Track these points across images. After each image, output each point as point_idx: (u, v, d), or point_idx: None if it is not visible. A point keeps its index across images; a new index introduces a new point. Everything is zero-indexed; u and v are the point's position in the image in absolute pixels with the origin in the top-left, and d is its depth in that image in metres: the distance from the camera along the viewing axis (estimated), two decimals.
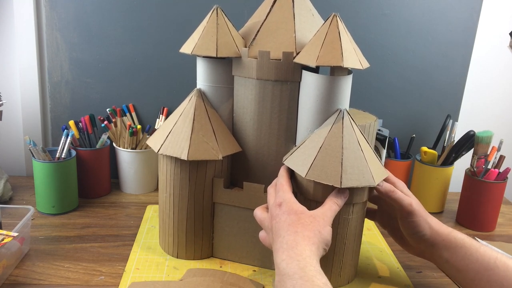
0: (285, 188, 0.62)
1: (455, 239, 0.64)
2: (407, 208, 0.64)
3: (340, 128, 0.63)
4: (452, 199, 1.04)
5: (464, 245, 0.63)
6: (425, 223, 0.65)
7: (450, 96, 1.08)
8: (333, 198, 0.61)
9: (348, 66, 0.60)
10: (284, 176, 0.64)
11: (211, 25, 0.68)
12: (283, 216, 0.58)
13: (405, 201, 0.64)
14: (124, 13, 0.97)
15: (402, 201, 0.64)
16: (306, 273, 0.50)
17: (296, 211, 0.58)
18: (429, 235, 0.65)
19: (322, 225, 0.57)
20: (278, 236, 0.56)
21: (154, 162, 1.00)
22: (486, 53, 1.06)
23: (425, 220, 0.65)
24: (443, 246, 0.65)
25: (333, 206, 0.60)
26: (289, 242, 0.54)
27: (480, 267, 0.61)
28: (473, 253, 0.62)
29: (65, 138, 0.88)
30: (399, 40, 1.03)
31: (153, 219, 0.88)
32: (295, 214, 0.58)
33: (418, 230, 0.65)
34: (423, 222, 0.65)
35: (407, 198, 0.65)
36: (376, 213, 0.74)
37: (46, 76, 1.01)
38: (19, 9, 0.96)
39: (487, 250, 0.62)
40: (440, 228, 0.65)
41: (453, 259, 0.64)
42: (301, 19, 0.69)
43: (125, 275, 0.69)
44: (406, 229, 0.66)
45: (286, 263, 0.52)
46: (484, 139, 0.91)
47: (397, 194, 0.65)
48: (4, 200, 0.92)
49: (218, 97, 0.72)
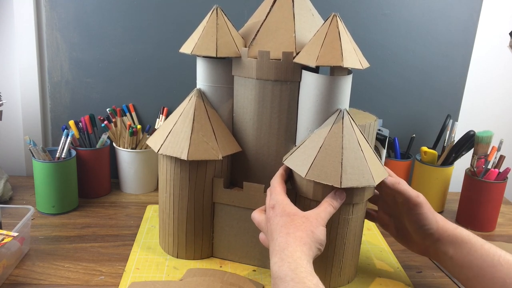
0: (277, 190, 0.62)
1: (460, 234, 0.64)
2: (415, 199, 0.64)
3: (340, 128, 0.63)
4: (452, 199, 1.04)
5: (469, 241, 0.63)
6: (432, 216, 0.65)
7: (450, 96, 1.08)
8: (329, 199, 0.61)
9: (348, 66, 0.60)
10: (277, 178, 0.64)
11: (211, 25, 0.68)
12: (276, 218, 0.58)
13: (412, 192, 0.65)
14: (124, 13, 0.97)
15: (409, 192, 0.65)
16: (297, 274, 0.50)
17: (288, 213, 0.58)
18: (435, 230, 0.65)
19: (315, 225, 0.57)
20: (272, 239, 0.57)
21: (154, 162, 1.00)
22: (486, 53, 1.06)
23: (432, 213, 0.65)
24: (448, 242, 0.64)
25: (328, 208, 0.60)
26: (281, 244, 0.54)
27: (483, 263, 0.61)
28: (478, 250, 0.62)
29: (65, 138, 0.88)
30: (399, 40, 1.03)
31: (153, 219, 0.88)
32: (287, 215, 0.58)
33: (425, 223, 0.65)
34: (430, 215, 0.65)
35: (414, 190, 0.65)
36: (376, 214, 0.74)
37: (46, 76, 1.01)
38: (19, 9, 0.96)
39: (491, 247, 0.62)
40: (446, 224, 0.65)
41: (457, 255, 0.63)
42: (301, 19, 0.69)
43: (125, 275, 0.69)
44: (413, 224, 0.66)
45: (278, 265, 0.52)
46: (484, 139, 0.91)
47: (403, 185, 0.65)
48: (4, 200, 0.92)
49: (218, 97, 0.72)
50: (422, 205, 0.64)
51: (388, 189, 0.66)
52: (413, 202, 0.64)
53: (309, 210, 0.60)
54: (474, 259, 0.62)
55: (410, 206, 0.65)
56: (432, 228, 0.65)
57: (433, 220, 0.65)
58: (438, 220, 0.65)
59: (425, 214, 0.65)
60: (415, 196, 0.64)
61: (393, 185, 0.65)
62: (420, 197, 0.65)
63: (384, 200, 0.72)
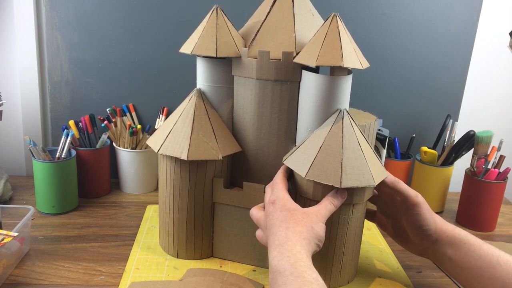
0: (279, 187, 0.62)
1: (459, 235, 0.64)
2: (413, 199, 0.64)
3: (340, 128, 0.63)
4: (452, 199, 1.04)
5: (468, 242, 0.63)
6: (430, 217, 0.65)
7: (450, 96, 1.08)
8: (330, 197, 0.61)
9: (348, 66, 0.60)
10: (279, 176, 0.64)
11: (211, 25, 0.68)
12: (276, 213, 0.58)
13: (411, 191, 0.65)
14: (124, 13, 0.97)
15: (408, 191, 0.65)
16: (296, 269, 0.50)
17: (289, 208, 0.58)
18: (433, 230, 0.65)
19: (315, 221, 0.57)
20: (271, 233, 0.56)
21: (154, 162, 1.00)
22: (486, 53, 1.06)
23: (430, 213, 0.65)
24: (447, 242, 0.64)
25: (329, 206, 0.60)
26: (281, 238, 0.54)
27: (483, 264, 0.61)
28: (476, 250, 0.62)
29: (65, 138, 0.89)
30: (399, 40, 1.03)
31: (153, 219, 0.88)
32: (287, 211, 0.58)
33: (423, 224, 0.65)
34: (428, 216, 0.65)
35: (413, 190, 0.65)
36: (375, 214, 0.74)
37: (46, 76, 1.01)
38: (19, 9, 0.96)
39: (490, 247, 0.62)
40: (444, 225, 0.65)
41: (456, 256, 0.63)
42: (301, 19, 0.69)
43: (125, 275, 0.69)
44: (411, 224, 0.66)
45: (277, 260, 0.52)
46: (484, 139, 0.91)
47: (402, 184, 0.65)
48: (4, 200, 0.92)
49: (218, 97, 0.72)
50: (421, 205, 0.64)
51: (387, 188, 0.66)
52: (411, 202, 0.64)
53: (310, 207, 0.60)
54: (473, 259, 0.62)
55: (409, 205, 0.65)
56: (430, 228, 0.65)
57: (431, 221, 0.65)
58: (436, 221, 0.65)
59: (424, 215, 0.65)
60: (414, 196, 0.64)
61: (393, 184, 0.65)
62: (419, 196, 0.65)
63: (383, 200, 0.72)
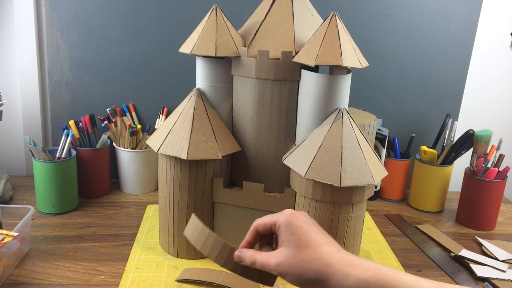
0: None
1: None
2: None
3: (339, 127, 0.63)
4: (452, 198, 1.04)
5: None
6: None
7: (450, 95, 1.08)
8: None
9: (347, 65, 0.60)
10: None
11: (210, 24, 0.68)
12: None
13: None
14: (124, 13, 0.97)
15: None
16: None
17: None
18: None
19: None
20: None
21: (154, 162, 1.00)
22: (486, 53, 1.06)
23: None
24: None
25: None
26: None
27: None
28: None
29: (65, 138, 0.89)
30: (399, 40, 1.03)
31: (153, 218, 0.88)
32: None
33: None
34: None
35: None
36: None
37: (46, 76, 1.01)
38: (19, 9, 0.96)
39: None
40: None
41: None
42: (300, 18, 0.69)
43: (125, 275, 0.69)
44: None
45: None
46: (483, 138, 0.91)
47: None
48: (4, 200, 0.92)
49: (218, 97, 0.72)
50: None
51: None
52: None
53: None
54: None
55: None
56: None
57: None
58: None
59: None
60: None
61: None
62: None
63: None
